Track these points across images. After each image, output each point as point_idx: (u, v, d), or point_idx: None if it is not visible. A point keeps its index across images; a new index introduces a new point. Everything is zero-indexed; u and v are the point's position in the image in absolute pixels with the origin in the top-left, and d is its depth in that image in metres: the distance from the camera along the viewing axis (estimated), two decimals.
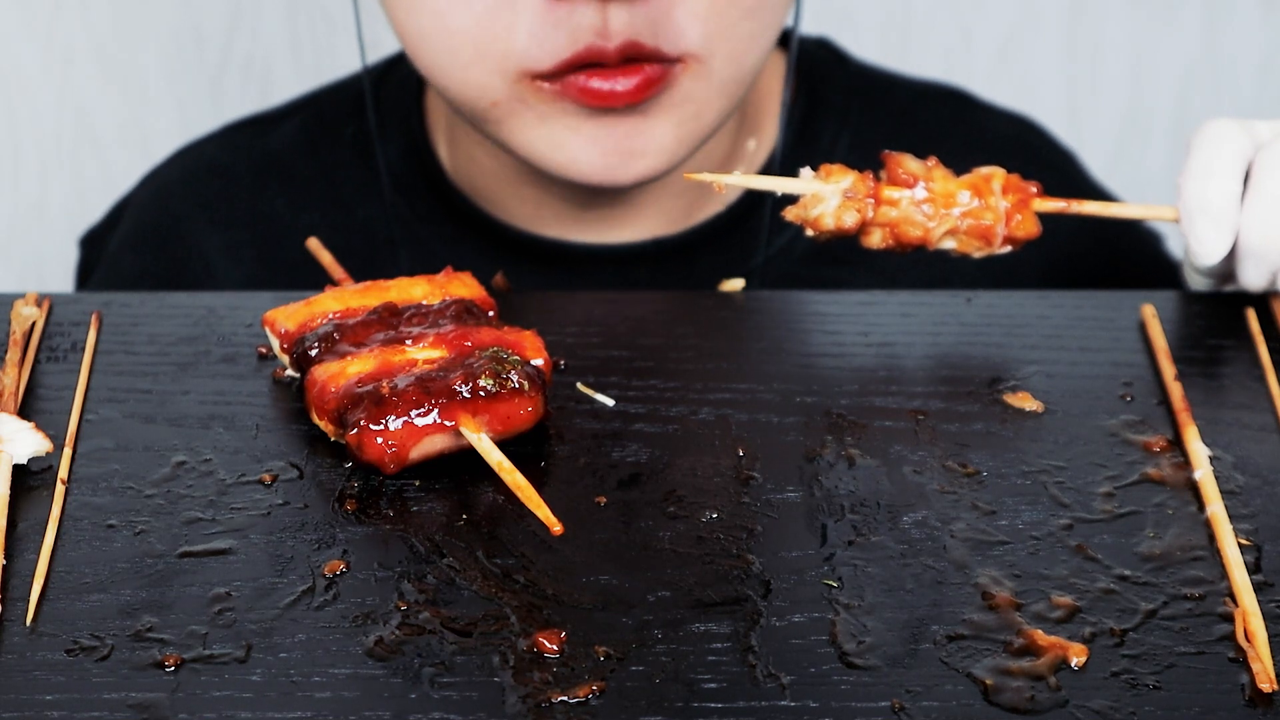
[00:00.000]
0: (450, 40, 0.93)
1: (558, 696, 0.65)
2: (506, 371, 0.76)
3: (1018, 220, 0.85)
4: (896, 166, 0.85)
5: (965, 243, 0.86)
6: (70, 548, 0.72)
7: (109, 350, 0.83)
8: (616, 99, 0.92)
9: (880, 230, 0.85)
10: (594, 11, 0.89)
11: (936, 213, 0.85)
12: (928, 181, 0.85)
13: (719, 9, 0.92)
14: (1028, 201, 0.86)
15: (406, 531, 0.73)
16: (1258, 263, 0.84)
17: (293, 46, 1.62)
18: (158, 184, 1.15)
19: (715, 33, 0.92)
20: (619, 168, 0.95)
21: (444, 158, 1.09)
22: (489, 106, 0.95)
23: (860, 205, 0.84)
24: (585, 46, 0.90)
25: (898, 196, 0.85)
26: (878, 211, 0.85)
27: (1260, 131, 0.85)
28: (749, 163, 1.08)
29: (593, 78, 0.91)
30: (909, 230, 0.85)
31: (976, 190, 0.85)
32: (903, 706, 0.65)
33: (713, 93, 0.95)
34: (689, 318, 0.87)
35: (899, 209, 0.85)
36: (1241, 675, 0.66)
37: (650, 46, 0.91)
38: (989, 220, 0.85)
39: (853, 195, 0.84)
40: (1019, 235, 0.86)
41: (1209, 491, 0.74)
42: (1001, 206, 0.85)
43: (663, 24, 0.91)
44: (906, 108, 1.13)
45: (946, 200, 0.85)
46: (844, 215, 0.84)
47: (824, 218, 0.84)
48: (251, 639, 0.67)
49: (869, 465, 0.77)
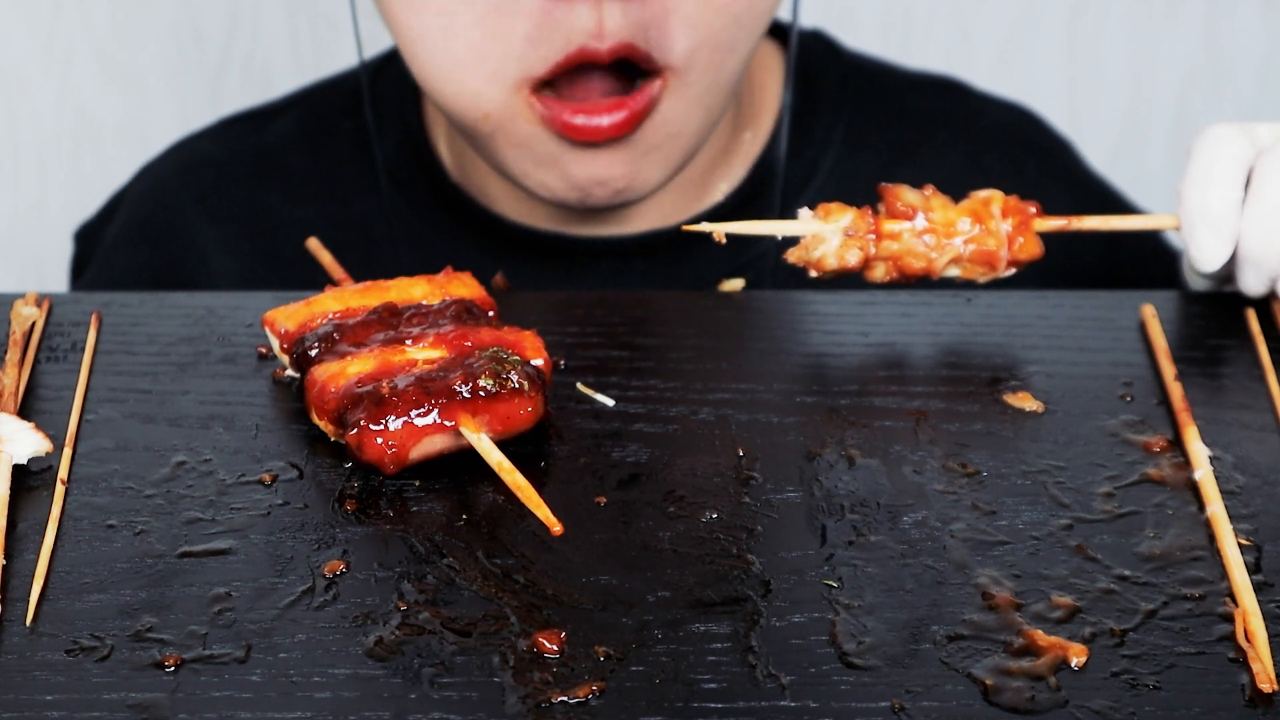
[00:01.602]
0: (450, 44, 0.93)
1: (558, 696, 0.65)
2: (506, 371, 0.76)
3: (1020, 243, 0.85)
4: (894, 199, 0.85)
5: (970, 269, 0.85)
6: (70, 548, 0.72)
7: (109, 350, 0.83)
8: (599, 134, 0.93)
9: (883, 264, 0.85)
10: (590, 11, 0.90)
11: (939, 242, 0.84)
12: (927, 211, 0.85)
13: (707, 18, 0.92)
14: (1028, 222, 0.85)
15: (406, 531, 0.73)
16: (1257, 270, 0.84)
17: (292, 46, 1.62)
18: (153, 178, 1.15)
19: (701, 42, 0.93)
20: (594, 193, 0.96)
21: (443, 152, 1.09)
22: (480, 118, 0.95)
23: (862, 242, 0.84)
24: (578, 48, 0.91)
25: (898, 229, 0.85)
26: (879, 246, 0.84)
27: (1261, 136, 0.84)
28: (745, 156, 1.08)
29: (578, 113, 0.92)
30: (912, 262, 0.84)
31: (976, 216, 0.85)
32: (903, 706, 0.64)
33: (691, 107, 0.95)
34: (689, 318, 0.87)
35: (900, 242, 0.84)
36: (1241, 675, 0.66)
37: (642, 50, 0.91)
38: (992, 245, 0.85)
39: (853, 233, 0.84)
40: (1022, 257, 0.85)
41: (1209, 491, 0.74)
42: (1003, 230, 0.85)
43: (656, 29, 0.91)
44: (901, 97, 1.13)
45: (947, 229, 0.85)
46: (846, 254, 0.84)
47: (827, 258, 0.84)
48: (251, 639, 0.67)
49: (869, 465, 0.77)
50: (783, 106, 1.07)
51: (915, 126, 1.12)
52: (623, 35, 0.91)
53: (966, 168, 1.11)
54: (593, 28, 0.90)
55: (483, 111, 0.95)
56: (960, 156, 1.11)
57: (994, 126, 1.14)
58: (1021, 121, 1.16)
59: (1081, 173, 1.15)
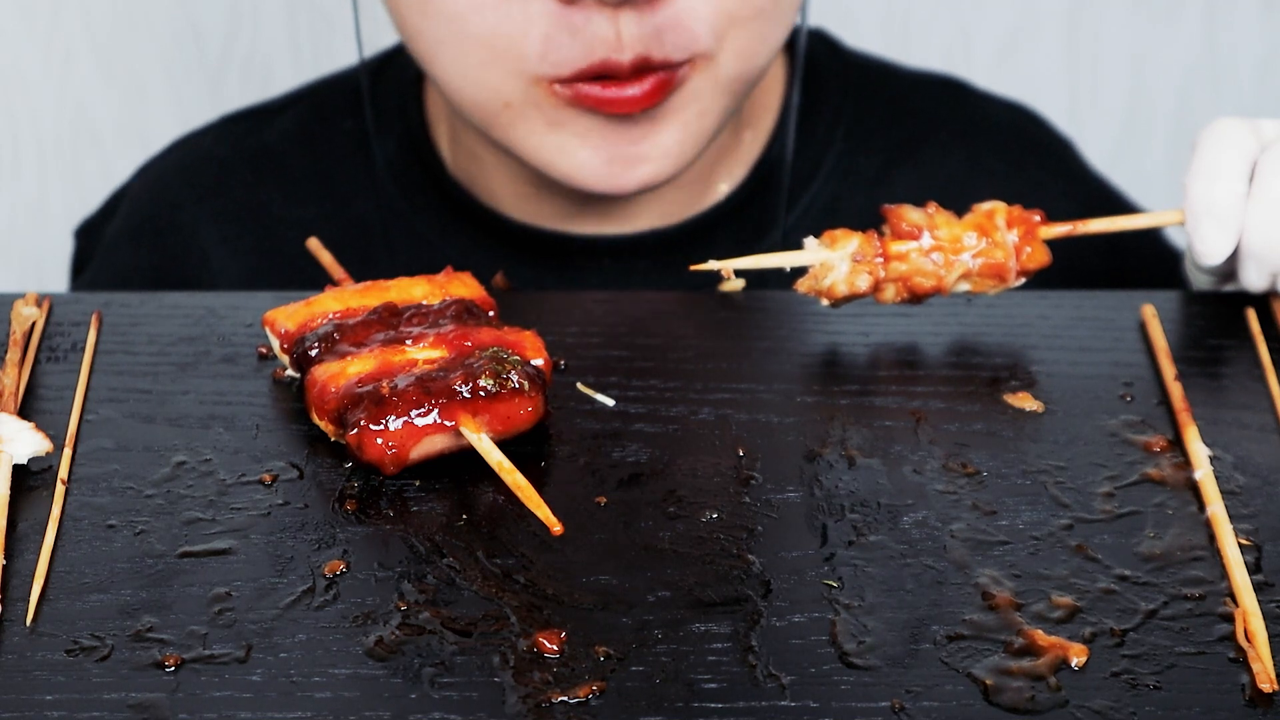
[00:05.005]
0: (463, 44, 0.93)
1: (558, 696, 0.65)
2: (506, 371, 0.75)
3: (1028, 252, 0.85)
4: (899, 220, 0.84)
5: (980, 283, 0.85)
6: (70, 548, 0.72)
7: (109, 350, 0.83)
8: (631, 105, 0.92)
9: (893, 286, 0.84)
10: (607, 21, 0.90)
11: (946, 259, 0.84)
12: (932, 229, 0.84)
13: (728, 10, 0.92)
14: (1034, 231, 0.85)
15: (406, 531, 0.73)
16: (1259, 265, 0.84)
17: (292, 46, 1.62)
18: (154, 175, 1.15)
19: (724, 32, 0.92)
20: (623, 175, 0.95)
21: (444, 151, 1.09)
22: (501, 109, 0.95)
23: (870, 266, 0.84)
24: (601, 60, 0.90)
25: (905, 250, 0.84)
26: (888, 268, 0.84)
27: (1266, 131, 0.84)
28: (746, 155, 1.08)
29: (608, 87, 0.92)
30: (922, 281, 0.84)
31: (981, 229, 0.85)
32: (903, 706, 0.64)
33: (720, 90, 0.95)
34: (689, 318, 0.87)
35: (908, 262, 0.84)
36: (1242, 675, 0.66)
37: (659, 59, 0.91)
38: (1000, 257, 0.84)
39: (861, 257, 0.84)
40: (1031, 266, 0.85)
41: (1209, 491, 0.74)
42: (1010, 241, 0.85)
43: (672, 32, 0.91)
44: (901, 97, 1.13)
45: (954, 245, 0.84)
46: (856, 280, 0.84)
47: (836, 285, 0.84)
48: (251, 639, 0.67)
49: (869, 465, 0.77)
50: (787, 105, 1.07)
51: (916, 126, 1.12)
52: (640, 46, 0.90)
53: (967, 167, 1.11)
54: (611, 38, 0.90)
55: (504, 102, 0.94)
56: (961, 156, 1.11)
57: (995, 126, 1.14)
58: (1022, 121, 1.16)
59: (1082, 172, 1.15)
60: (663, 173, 0.96)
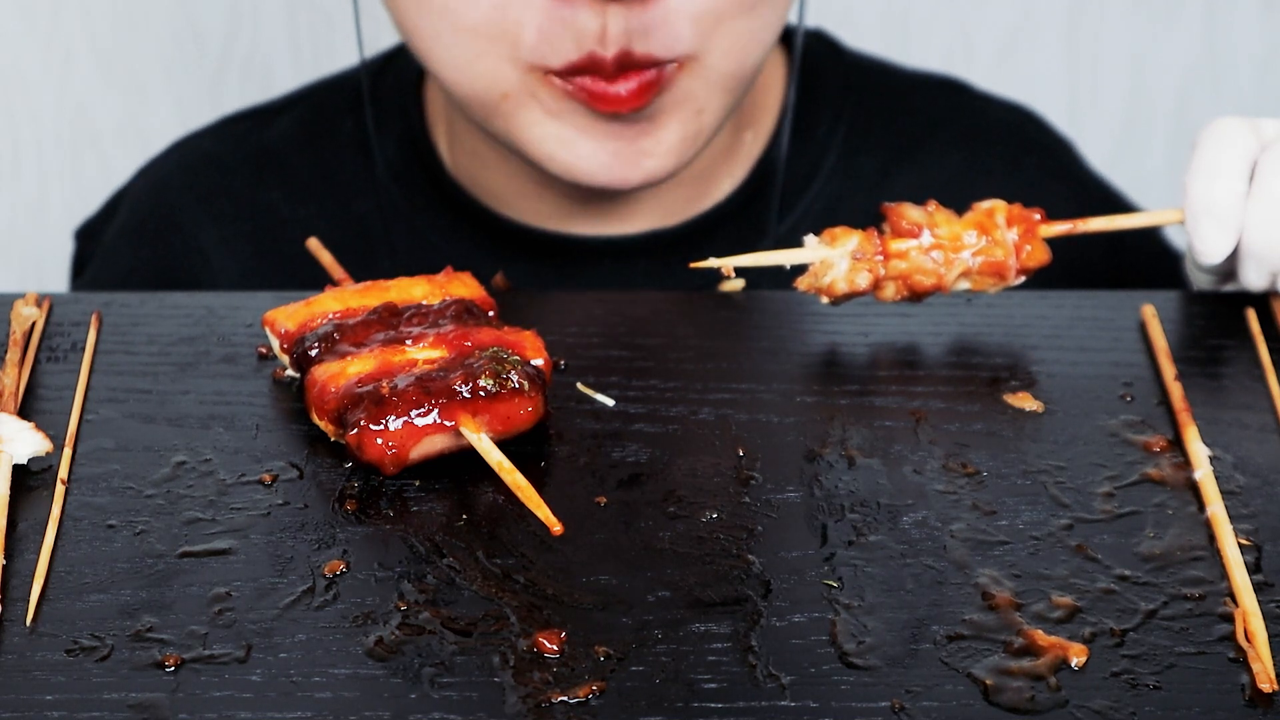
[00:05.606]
0: (458, 35, 0.93)
1: (558, 696, 0.65)
2: (506, 371, 0.76)
3: (1028, 250, 0.85)
4: (899, 218, 0.84)
5: (980, 281, 0.85)
6: (70, 548, 0.72)
7: (109, 350, 0.83)
8: (619, 103, 0.92)
9: (893, 284, 0.84)
10: (595, 15, 0.90)
11: (946, 257, 0.84)
12: (932, 227, 0.84)
13: (714, 9, 0.92)
14: (1034, 229, 0.85)
15: (406, 531, 0.73)
16: (1259, 264, 0.84)
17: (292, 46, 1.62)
18: (154, 176, 1.15)
19: (710, 31, 0.92)
20: (625, 170, 0.95)
21: (443, 151, 1.09)
22: (500, 99, 0.95)
23: (870, 264, 0.84)
24: (588, 54, 0.91)
25: (905, 248, 0.84)
26: (888, 266, 0.84)
27: (1266, 130, 0.84)
28: (746, 155, 1.08)
29: (597, 82, 0.92)
30: (922, 279, 0.84)
31: (981, 228, 0.85)
32: (903, 706, 0.64)
33: (713, 89, 0.95)
34: (689, 318, 0.87)
35: (908, 260, 0.84)
36: (1241, 675, 0.66)
37: (641, 54, 0.91)
38: (999, 255, 0.84)
39: (861, 255, 0.84)
40: (1031, 264, 0.85)
41: (1209, 492, 0.74)
42: (1009, 239, 0.85)
43: (656, 29, 0.91)
44: (902, 97, 1.13)
45: (954, 243, 0.84)
46: (856, 277, 0.84)
47: (836, 283, 0.84)
48: (251, 639, 0.67)
49: (869, 465, 0.77)
50: (786, 105, 1.07)
51: (916, 126, 1.12)
52: (624, 41, 0.91)
53: (967, 167, 1.11)
54: (597, 31, 0.90)
55: (502, 92, 0.95)
56: (961, 156, 1.11)
57: (995, 126, 1.14)
58: (1022, 121, 1.16)
59: (1082, 172, 1.15)
60: (666, 168, 0.96)
